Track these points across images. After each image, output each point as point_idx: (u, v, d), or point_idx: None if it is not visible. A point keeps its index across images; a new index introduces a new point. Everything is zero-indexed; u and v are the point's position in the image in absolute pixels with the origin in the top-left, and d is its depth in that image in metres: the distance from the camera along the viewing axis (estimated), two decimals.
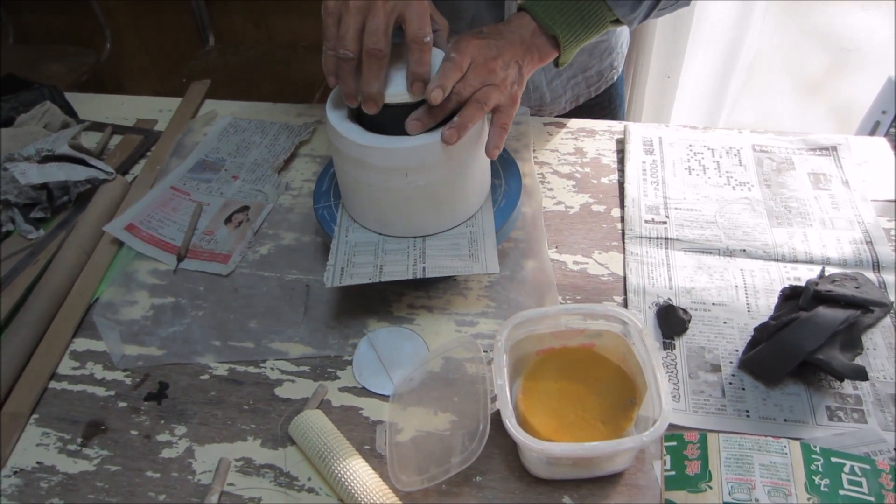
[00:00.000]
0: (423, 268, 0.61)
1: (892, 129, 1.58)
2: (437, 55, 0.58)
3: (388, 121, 0.58)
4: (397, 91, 0.56)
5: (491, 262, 0.61)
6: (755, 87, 1.90)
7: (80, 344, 0.66)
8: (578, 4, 0.63)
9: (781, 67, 1.96)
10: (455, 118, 0.57)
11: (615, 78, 0.96)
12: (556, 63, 0.67)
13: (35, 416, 0.60)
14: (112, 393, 0.62)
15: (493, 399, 0.50)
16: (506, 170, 0.70)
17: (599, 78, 0.93)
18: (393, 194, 0.60)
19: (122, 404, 0.61)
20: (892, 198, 0.74)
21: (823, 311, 0.57)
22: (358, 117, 0.60)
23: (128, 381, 0.62)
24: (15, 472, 0.56)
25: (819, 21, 1.90)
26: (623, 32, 0.93)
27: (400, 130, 0.57)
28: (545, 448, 0.46)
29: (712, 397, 0.58)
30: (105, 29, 1.90)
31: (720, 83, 1.69)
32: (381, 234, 0.65)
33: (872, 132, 1.59)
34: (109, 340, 0.66)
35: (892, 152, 0.79)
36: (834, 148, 0.79)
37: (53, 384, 0.63)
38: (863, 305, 0.59)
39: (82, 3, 1.85)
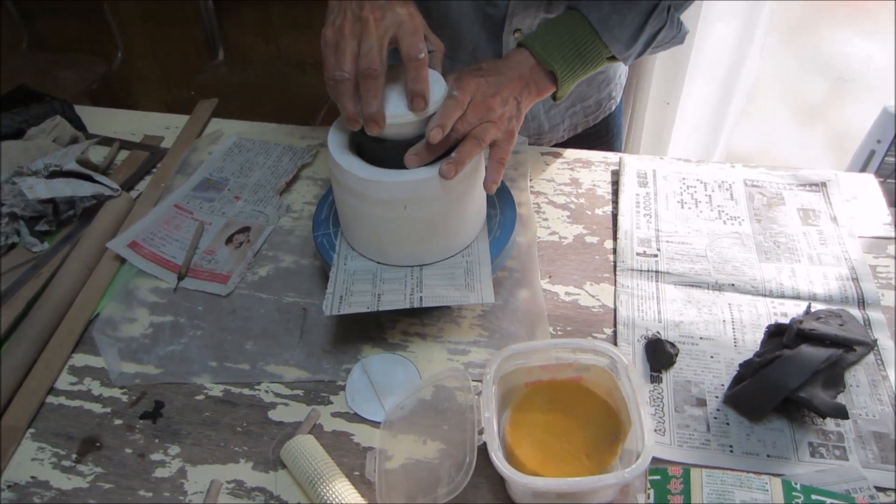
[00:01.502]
0: (421, 297, 0.62)
1: (888, 158, 1.60)
2: (435, 77, 0.60)
3: (388, 154, 0.59)
4: (398, 112, 0.57)
5: (486, 291, 0.62)
6: (754, 113, 1.93)
7: (79, 359, 0.67)
8: (576, 41, 0.65)
9: (780, 94, 1.98)
10: (453, 154, 0.58)
11: (613, 108, 0.97)
12: (554, 97, 0.68)
13: (31, 430, 0.61)
14: (108, 410, 0.63)
15: (481, 431, 0.51)
16: (501, 200, 0.72)
17: (598, 108, 0.94)
18: (391, 225, 0.62)
19: (117, 422, 0.62)
20: (879, 234, 0.75)
21: (806, 350, 0.58)
22: (359, 150, 0.62)
23: (124, 398, 0.64)
24: (9, 486, 0.57)
25: (817, 48, 1.92)
26: (621, 65, 0.95)
27: (399, 164, 0.59)
28: (529, 482, 0.47)
29: (697, 431, 0.59)
30: (117, 38, 1.93)
31: (719, 109, 1.70)
32: (379, 262, 0.66)
33: (868, 161, 1.61)
34: (108, 357, 0.67)
35: (879, 189, 0.80)
36: (823, 184, 0.81)
37: (51, 399, 0.64)
38: (845, 344, 0.61)
39: (96, 12, 1.88)
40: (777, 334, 0.63)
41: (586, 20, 0.66)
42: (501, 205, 0.71)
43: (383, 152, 0.60)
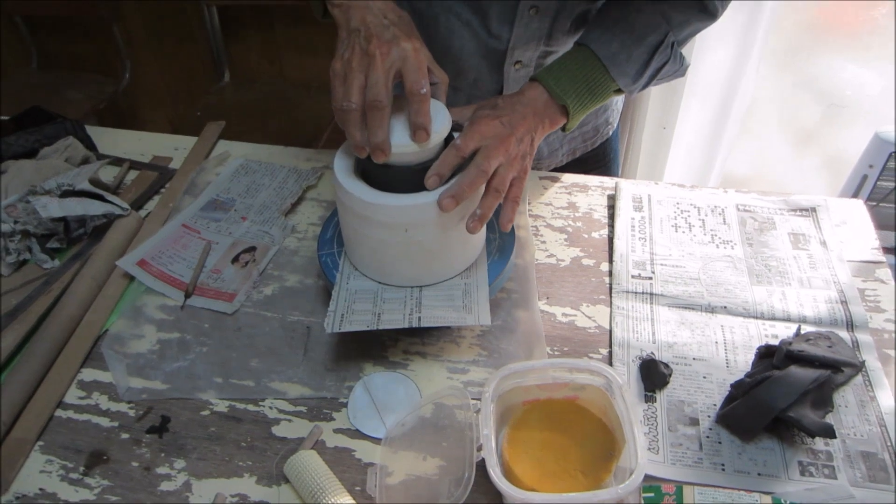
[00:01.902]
0: (419, 317, 0.64)
1: (880, 183, 1.63)
2: (438, 108, 0.63)
3: (391, 179, 0.62)
4: (403, 142, 0.60)
5: (483, 313, 0.64)
6: (749, 137, 1.96)
7: (88, 374, 0.69)
8: (586, 76, 0.69)
9: (775, 119, 2.02)
10: (454, 186, 0.61)
11: (610, 133, 1.00)
12: (564, 128, 0.71)
13: (40, 442, 0.63)
14: (116, 424, 0.64)
15: (479, 448, 0.52)
16: (501, 226, 0.74)
17: (595, 133, 0.97)
18: (393, 247, 0.64)
19: (124, 436, 0.63)
20: (868, 259, 0.77)
21: (795, 371, 0.60)
22: (363, 173, 0.65)
23: (131, 413, 0.65)
24: (17, 498, 0.59)
25: (811, 75, 1.96)
26: None
27: (401, 188, 0.62)
28: (526, 497, 0.49)
29: (690, 450, 0.60)
30: (125, 59, 1.96)
31: (715, 134, 1.74)
32: (380, 282, 0.68)
33: (861, 185, 1.64)
34: (116, 372, 0.68)
35: (868, 214, 0.83)
36: (813, 209, 0.83)
37: (60, 412, 0.65)
38: (833, 365, 0.62)
39: (105, 32, 1.92)
40: (767, 355, 0.65)
41: (595, 56, 0.69)
42: (500, 230, 0.73)
43: (387, 177, 0.62)
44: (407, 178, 0.61)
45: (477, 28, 0.76)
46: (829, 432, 0.58)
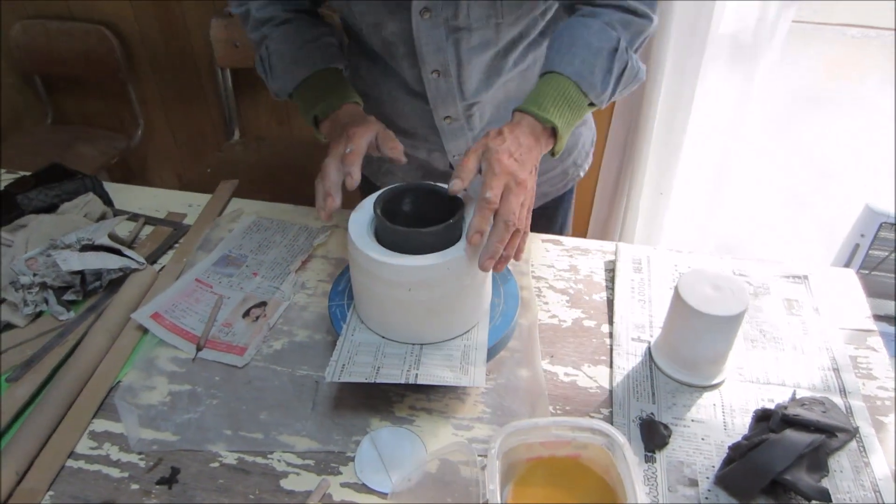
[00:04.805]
0: (416, 374, 0.66)
1: (871, 252, 1.67)
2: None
3: (402, 240, 0.65)
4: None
5: (479, 376, 0.66)
6: (745, 204, 2.02)
7: (100, 425, 0.70)
8: (562, 95, 0.73)
9: (771, 188, 2.08)
10: (490, 248, 0.64)
11: (581, 175, 1.06)
12: (552, 153, 0.75)
13: (51, 492, 0.64)
14: (126, 475, 0.65)
15: (485, 503, 0.54)
16: (506, 289, 0.77)
17: (565, 176, 1.03)
18: (396, 304, 0.67)
19: (134, 486, 0.64)
20: (859, 327, 0.80)
21: (791, 434, 0.62)
22: (376, 232, 0.68)
23: (141, 464, 0.66)
24: None
25: (804, 145, 2.04)
26: (582, 135, 1.02)
27: (410, 249, 0.65)
28: None
29: None
30: (139, 117, 2.03)
31: (711, 199, 1.79)
32: (383, 337, 0.71)
33: (853, 253, 1.68)
34: (128, 423, 0.70)
35: (859, 283, 0.86)
36: (806, 276, 0.86)
37: (71, 462, 0.66)
38: (828, 430, 0.64)
39: (120, 91, 1.99)
40: (764, 419, 0.67)
41: (563, 76, 0.73)
42: (505, 295, 0.76)
43: (397, 238, 0.66)
44: (416, 240, 0.65)
45: (408, 89, 0.86)
46: (824, 496, 0.59)
